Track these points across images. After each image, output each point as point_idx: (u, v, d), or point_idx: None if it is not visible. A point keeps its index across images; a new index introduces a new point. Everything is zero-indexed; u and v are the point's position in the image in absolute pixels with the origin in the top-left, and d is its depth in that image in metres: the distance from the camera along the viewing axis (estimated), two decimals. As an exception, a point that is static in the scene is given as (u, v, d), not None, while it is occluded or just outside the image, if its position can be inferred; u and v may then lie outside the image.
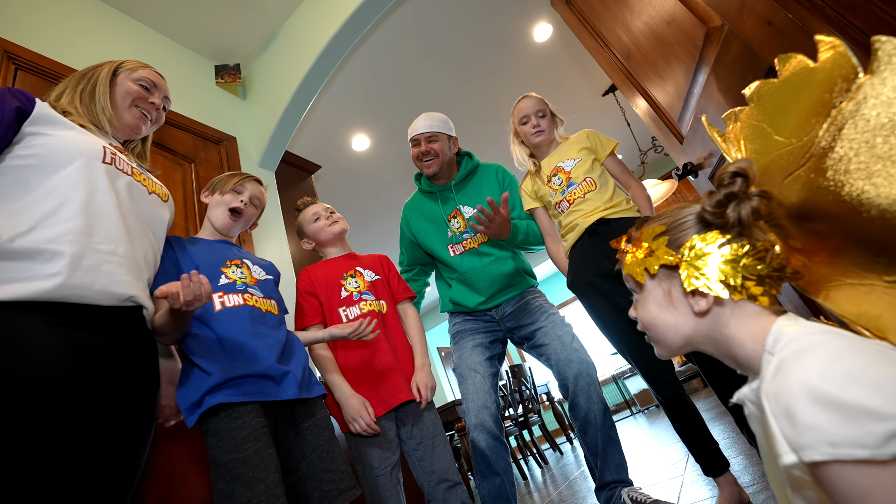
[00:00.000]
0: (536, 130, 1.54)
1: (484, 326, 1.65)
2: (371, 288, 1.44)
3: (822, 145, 0.45)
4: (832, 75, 0.43)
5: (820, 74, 0.45)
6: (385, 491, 1.23)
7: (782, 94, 0.50)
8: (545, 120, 1.55)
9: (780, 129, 0.51)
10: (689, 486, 1.53)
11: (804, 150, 0.48)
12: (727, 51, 1.07)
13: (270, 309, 1.15)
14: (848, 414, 0.35)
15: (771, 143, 0.52)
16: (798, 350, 0.42)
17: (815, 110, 0.46)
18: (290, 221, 2.26)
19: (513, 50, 3.26)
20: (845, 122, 0.43)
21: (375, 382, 1.31)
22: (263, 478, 0.89)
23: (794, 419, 0.37)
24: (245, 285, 1.13)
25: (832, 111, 0.44)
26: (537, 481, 3.30)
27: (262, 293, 1.16)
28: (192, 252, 1.12)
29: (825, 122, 0.45)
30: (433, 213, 1.74)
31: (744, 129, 0.56)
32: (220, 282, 1.10)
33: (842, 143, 0.43)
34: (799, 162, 0.48)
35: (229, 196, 1.23)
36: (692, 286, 0.52)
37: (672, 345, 0.57)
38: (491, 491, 1.41)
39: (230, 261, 1.16)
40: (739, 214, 0.50)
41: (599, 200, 1.41)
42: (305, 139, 3.25)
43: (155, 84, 1.12)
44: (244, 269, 1.17)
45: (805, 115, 0.47)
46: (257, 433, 0.94)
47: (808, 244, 0.51)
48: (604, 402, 1.46)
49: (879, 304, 0.45)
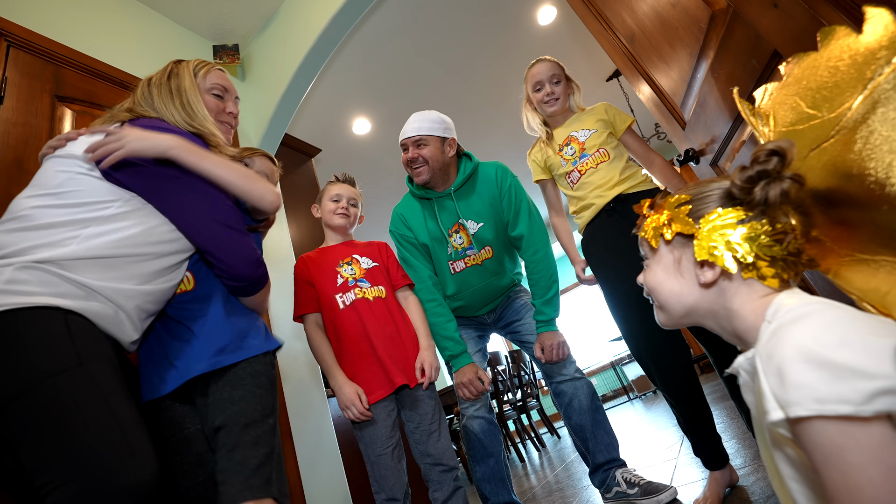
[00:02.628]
0: (550, 98, 1.47)
1: (474, 323, 1.66)
2: (367, 275, 1.44)
3: (853, 118, 0.45)
4: (875, 46, 0.43)
5: (863, 45, 0.44)
6: (386, 470, 1.26)
7: (819, 65, 0.49)
8: (560, 87, 1.48)
9: (812, 103, 0.50)
10: (682, 468, 1.56)
11: (835, 122, 0.47)
12: (731, 34, 1.06)
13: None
14: (837, 373, 0.36)
15: (802, 115, 0.52)
16: (797, 316, 0.43)
17: (853, 82, 0.45)
18: (289, 205, 2.26)
19: (516, 33, 3.21)
20: (882, 94, 0.42)
21: (374, 365, 1.32)
22: None
23: (784, 377, 0.38)
24: None
25: (869, 83, 0.43)
26: (535, 464, 3.35)
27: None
28: None
29: (861, 94, 0.44)
30: (431, 226, 1.57)
31: (775, 105, 0.56)
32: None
33: (875, 116, 0.43)
34: (828, 134, 0.48)
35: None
36: (702, 256, 0.52)
37: (673, 312, 0.58)
38: (485, 473, 1.44)
39: None
40: (767, 194, 0.49)
41: (612, 172, 1.36)
42: (305, 122, 3.23)
43: (226, 88, 1.06)
44: None
45: (841, 88, 0.46)
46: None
47: (830, 227, 0.51)
48: (590, 385, 1.48)
49: (889, 280, 0.45)
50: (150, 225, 0.85)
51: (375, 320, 1.37)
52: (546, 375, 1.54)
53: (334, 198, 1.50)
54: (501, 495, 1.43)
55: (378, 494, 1.26)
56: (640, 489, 1.33)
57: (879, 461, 0.35)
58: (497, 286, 1.60)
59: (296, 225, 2.31)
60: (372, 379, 1.31)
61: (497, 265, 1.57)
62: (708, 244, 0.52)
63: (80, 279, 0.76)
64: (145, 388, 0.91)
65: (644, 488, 1.32)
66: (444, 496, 1.29)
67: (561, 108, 1.48)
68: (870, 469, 0.35)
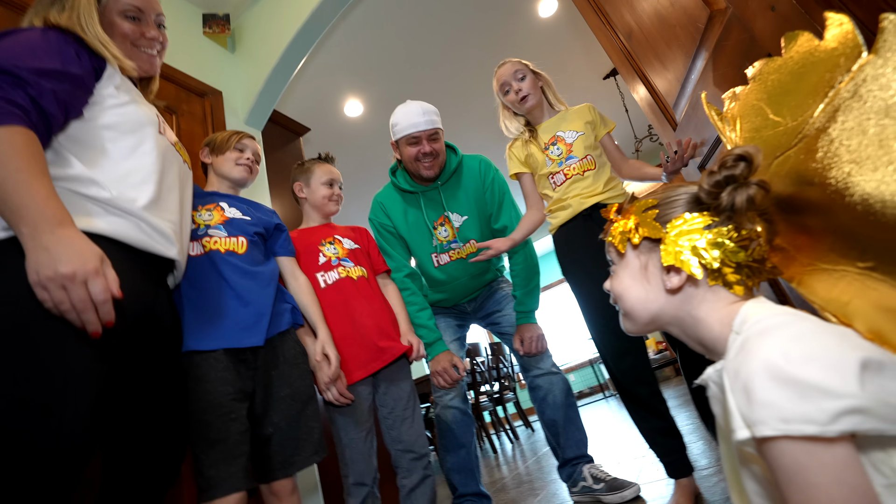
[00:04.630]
0: (521, 96, 1.42)
1: (454, 312, 1.66)
2: (350, 255, 1.43)
3: (816, 126, 0.45)
4: (836, 54, 0.42)
5: (824, 53, 0.44)
6: (357, 454, 1.25)
7: (784, 72, 0.49)
8: (526, 82, 1.42)
9: (777, 109, 0.50)
10: (649, 466, 1.58)
11: (798, 130, 0.47)
12: (728, 36, 1.05)
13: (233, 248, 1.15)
14: (803, 391, 0.36)
15: (767, 122, 0.51)
16: (763, 329, 0.43)
17: (815, 90, 0.45)
18: (274, 183, 2.21)
19: (516, 22, 3.17)
20: (842, 103, 0.42)
21: (355, 346, 1.31)
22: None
23: (751, 395, 0.38)
24: (206, 228, 1.16)
25: (830, 91, 0.43)
26: (507, 456, 3.39)
27: (224, 232, 1.16)
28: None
29: (822, 103, 0.44)
30: (415, 217, 1.56)
31: (742, 109, 0.56)
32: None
33: (835, 124, 0.43)
34: (791, 142, 0.48)
35: (233, 153, 1.28)
36: (669, 261, 0.52)
37: (639, 318, 0.57)
38: (455, 463, 1.44)
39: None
40: (734, 200, 0.49)
41: (598, 182, 1.34)
42: (296, 100, 3.16)
43: (140, 9, 0.95)
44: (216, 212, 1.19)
45: (804, 95, 0.46)
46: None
47: (793, 235, 0.51)
48: (565, 381, 1.49)
49: (850, 290, 0.45)
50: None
51: (362, 299, 1.36)
52: (523, 368, 1.55)
53: (327, 182, 1.47)
54: (470, 485, 1.44)
55: (346, 478, 1.25)
56: (605, 485, 1.35)
57: (842, 482, 0.35)
58: (481, 280, 1.60)
59: (280, 203, 2.27)
60: (352, 359, 1.29)
61: (484, 260, 1.56)
62: (674, 249, 0.52)
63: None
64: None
65: (609, 484, 1.34)
66: (413, 483, 1.28)
67: (536, 102, 1.44)
68: (832, 490, 0.35)
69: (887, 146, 0.39)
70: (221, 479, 0.93)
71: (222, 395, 0.98)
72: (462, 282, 1.57)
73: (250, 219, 1.23)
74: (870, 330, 0.45)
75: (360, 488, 1.23)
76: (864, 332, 0.45)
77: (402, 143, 1.50)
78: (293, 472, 1.07)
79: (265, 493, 1.07)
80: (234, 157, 1.27)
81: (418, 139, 1.47)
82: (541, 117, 1.47)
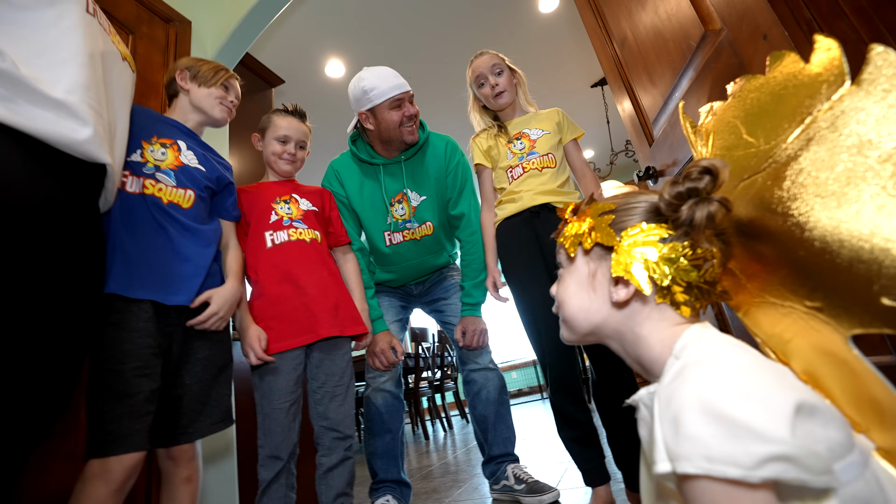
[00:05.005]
0: (497, 91, 1.37)
1: (399, 293, 1.61)
2: (304, 217, 1.34)
3: (787, 153, 0.42)
4: (819, 80, 0.40)
5: (807, 77, 0.41)
6: (277, 425, 1.18)
7: (764, 92, 0.46)
8: (503, 77, 1.38)
9: (752, 129, 0.48)
10: (572, 471, 1.61)
11: (769, 154, 0.45)
12: (717, 58, 1.03)
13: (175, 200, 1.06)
14: (733, 431, 0.34)
15: (739, 141, 0.49)
16: (701, 358, 0.41)
17: (792, 114, 0.42)
18: (235, 132, 2.07)
19: (515, 13, 3.11)
20: (818, 132, 0.40)
21: (294, 311, 1.23)
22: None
23: (679, 427, 0.36)
24: (154, 168, 1.04)
25: (808, 118, 0.40)
26: (439, 443, 3.41)
27: (174, 181, 1.05)
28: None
29: (798, 129, 0.41)
30: (371, 191, 1.48)
31: (717, 124, 0.53)
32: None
33: (807, 154, 0.40)
34: (760, 165, 0.46)
35: (219, 90, 1.18)
36: (618, 272, 0.49)
37: (579, 328, 0.54)
38: (379, 448, 1.40)
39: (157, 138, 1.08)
40: (693, 214, 0.46)
41: (554, 181, 1.31)
42: (273, 48, 2.97)
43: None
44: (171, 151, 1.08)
45: (781, 118, 0.43)
46: None
47: (747, 262, 0.49)
48: (501, 379, 1.48)
49: (793, 328, 0.44)
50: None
51: (310, 264, 1.28)
52: (460, 360, 1.52)
53: (281, 138, 1.36)
54: (391, 472, 1.41)
55: (262, 449, 1.19)
56: (526, 486, 1.35)
57: None
58: (432, 264, 1.55)
59: (239, 156, 2.13)
60: (287, 326, 1.22)
61: (435, 244, 1.53)
62: (626, 259, 0.49)
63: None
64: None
65: (530, 486, 1.34)
66: (332, 463, 1.23)
67: (511, 99, 1.40)
68: None
69: (855, 185, 0.37)
70: (123, 435, 0.85)
71: (141, 348, 0.91)
72: (413, 263, 1.52)
73: (205, 170, 1.14)
74: (806, 371, 0.44)
75: (274, 461, 1.17)
76: (799, 372, 0.44)
77: (384, 108, 1.40)
78: (196, 437, 1.00)
79: (161, 457, 1.00)
80: (218, 95, 1.17)
81: (401, 101, 1.40)
82: (511, 115, 1.44)
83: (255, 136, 1.40)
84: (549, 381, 1.25)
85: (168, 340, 0.99)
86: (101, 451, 0.84)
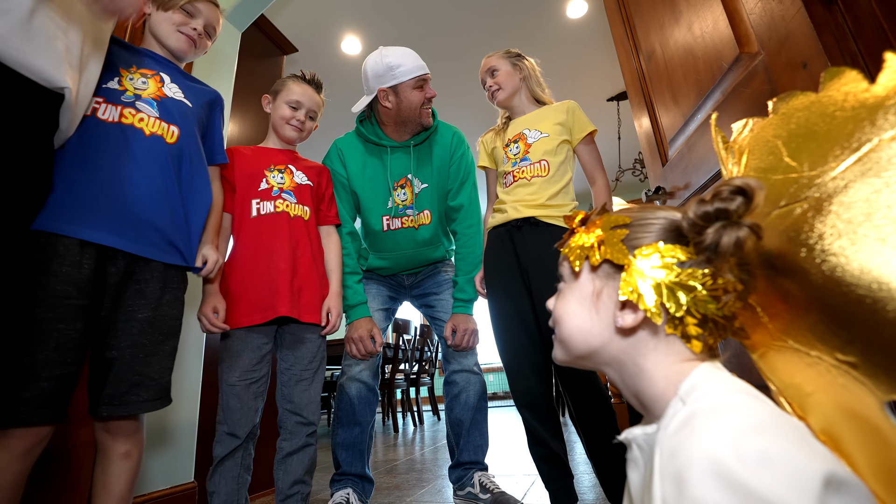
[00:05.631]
0: (491, 91, 1.36)
1: (390, 283, 1.56)
2: (297, 190, 1.29)
3: (836, 184, 0.37)
4: (886, 102, 0.34)
5: (871, 98, 0.36)
6: (236, 402, 1.13)
7: (815, 111, 0.40)
8: (500, 74, 1.35)
9: (795, 152, 0.42)
10: (538, 485, 1.57)
11: (811, 182, 0.39)
12: (749, 83, 0.99)
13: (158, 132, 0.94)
14: (747, 501, 0.29)
15: (779, 164, 0.43)
16: (714, 407, 0.36)
17: (847, 140, 0.37)
18: (239, 94, 1.99)
19: (541, 15, 3.05)
20: (876, 163, 0.34)
21: (261, 287, 1.18)
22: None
23: (684, 488, 0.31)
24: (134, 97, 0.94)
25: (867, 146, 0.35)
26: (407, 438, 3.37)
27: (157, 112, 0.95)
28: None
29: (852, 157, 0.36)
30: (375, 173, 1.44)
31: (753, 142, 0.47)
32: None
33: (860, 187, 0.35)
34: (800, 194, 0.40)
35: (178, 14, 1.02)
36: (627, 295, 0.44)
37: (574, 350, 0.49)
38: (346, 439, 1.35)
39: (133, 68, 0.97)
40: (720, 239, 0.40)
41: (542, 193, 1.25)
42: (291, 14, 2.89)
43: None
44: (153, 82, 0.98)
45: (832, 143, 0.38)
46: None
47: (771, 299, 0.44)
48: (483, 384, 1.44)
49: (817, 381, 0.39)
50: None
51: (290, 240, 1.23)
52: (445, 359, 1.48)
53: (293, 104, 1.30)
54: (355, 466, 1.36)
55: (220, 426, 1.14)
56: (491, 496, 1.31)
57: None
58: (427, 256, 1.51)
59: (240, 120, 2.06)
60: (253, 301, 1.17)
61: (433, 235, 1.48)
62: (636, 282, 0.44)
63: None
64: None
65: (495, 497, 1.30)
66: (292, 448, 1.19)
67: (508, 95, 1.36)
68: None
69: (921, 232, 0.32)
70: (10, 405, 0.71)
71: (60, 296, 0.77)
72: (408, 252, 1.47)
73: (190, 105, 1.03)
74: (825, 431, 0.39)
75: (230, 439, 1.12)
76: (817, 430, 0.39)
77: (407, 86, 1.37)
78: (122, 412, 0.86)
79: (98, 429, 0.89)
80: (176, 20, 1.02)
81: (425, 82, 1.39)
82: (519, 110, 1.38)
83: (265, 98, 1.35)
84: (514, 394, 1.22)
85: (101, 290, 0.85)
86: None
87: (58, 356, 0.76)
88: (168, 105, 0.97)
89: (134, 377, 0.87)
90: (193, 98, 1.04)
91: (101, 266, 0.85)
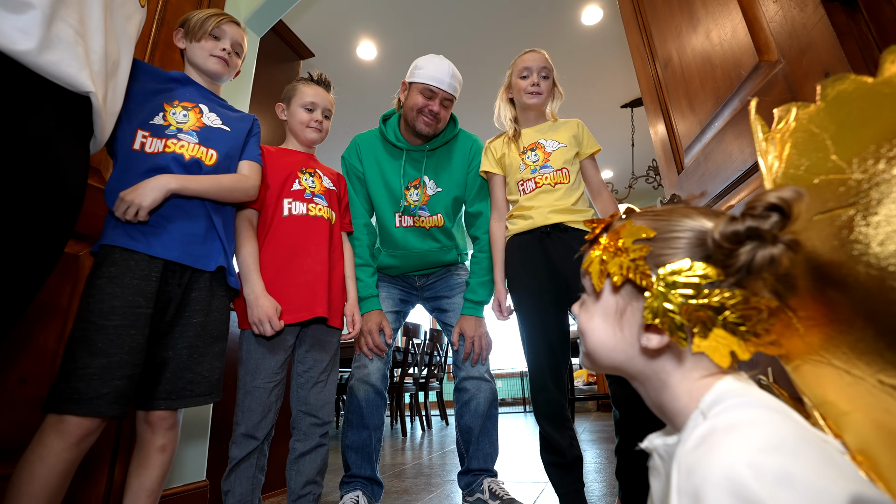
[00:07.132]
0: (534, 90, 1.34)
1: (401, 284, 1.57)
2: (326, 194, 1.32)
3: (890, 186, 0.34)
4: None
5: None
6: (258, 404, 1.14)
7: (870, 100, 0.36)
8: (547, 83, 1.36)
9: (843, 149, 0.38)
10: (548, 492, 1.56)
11: (862, 185, 0.35)
12: (768, 91, 0.98)
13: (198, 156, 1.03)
14: None
15: (824, 164, 0.39)
16: (734, 423, 0.34)
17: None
18: (257, 98, 2.03)
19: (556, 21, 3.05)
20: None
21: (296, 287, 1.19)
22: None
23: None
24: (177, 130, 1.03)
25: None
26: (415, 442, 3.36)
27: (196, 139, 1.04)
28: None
29: None
30: (390, 171, 1.48)
31: (796, 133, 0.43)
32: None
33: None
34: (848, 198, 0.37)
35: (208, 42, 1.12)
36: (651, 320, 0.42)
37: (600, 363, 0.49)
38: (355, 442, 1.36)
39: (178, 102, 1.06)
40: (753, 259, 0.37)
41: (568, 199, 1.26)
42: (308, 20, 2.93)
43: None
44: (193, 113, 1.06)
45: (885, 136, 0.34)
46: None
47: (811, 307, 0.41)
48: (493, 392, 1.44)
49: (857, 401, 0.37)
50: None
51: (323, 242, 1.25)
52: (456, 364, 1.48)
53: (308, 106, 1.32)
54: (364, 469, 1.36)
55: (238, 426, 1.15)
56: (500, 502, 1.30)
57: None
58: (439, 258, 1.52)
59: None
60: (287, 300, 1.17)
61: (445, 237, 1.50)
62: (661, 305, 0.41)
63: None
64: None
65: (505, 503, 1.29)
66: (305, 448, 1.19)
67: (541, 104, 1.37)
68: None
69: None
70: (88, 396, 0.81)
71: (131, 305, 0.88)
72: (419, 252, 1.49)
73: (229, 130, 1.11)
74: (862, 452, 0.37)
75: (248, 440, 1.13)
76: (854, 450, 0.37)
77: (416, 89, 1.42)
78: (178, 406, 0.97)
79: (139, 421, 0.97)
80: (207, 47, 1.12)
81: (434, 94, 1.41)
82: (532, 121, 1.41)
83: (279, 106, 1.36)
84: (534, 403, 1.22)
85: (164, 298, 0.96)
86: (60, 407, 0.80)
87: (129, 358, 0.86)
88: (206, 133, 1.06)
89: (189, 374, 0.98)
90: (231, 124, 1.13)
91: (165, 277, 0.95)
